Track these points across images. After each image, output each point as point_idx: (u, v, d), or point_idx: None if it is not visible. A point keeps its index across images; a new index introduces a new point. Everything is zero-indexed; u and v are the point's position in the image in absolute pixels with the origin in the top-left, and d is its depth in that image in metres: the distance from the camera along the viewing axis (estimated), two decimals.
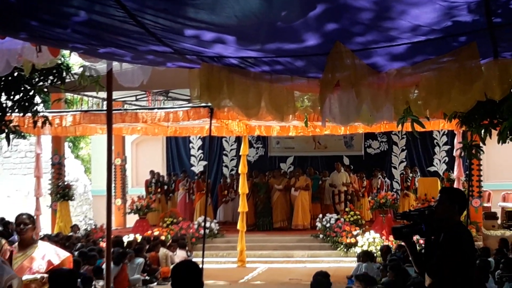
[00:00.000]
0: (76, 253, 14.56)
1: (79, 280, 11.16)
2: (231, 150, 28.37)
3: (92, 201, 30.16)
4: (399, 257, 13.76)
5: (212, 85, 5.44)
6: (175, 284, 5.23)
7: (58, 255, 7.34)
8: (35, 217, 7.75)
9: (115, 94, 23.47)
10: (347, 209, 22.29)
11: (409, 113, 7.21)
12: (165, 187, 25.83)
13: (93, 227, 22.52)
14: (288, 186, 23.29)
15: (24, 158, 28.61)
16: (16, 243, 7.52)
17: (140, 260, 16.12)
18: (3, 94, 11.28)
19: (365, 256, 15.44)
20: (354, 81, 5.08)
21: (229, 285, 15.88)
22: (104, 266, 14.31)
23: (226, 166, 28.45)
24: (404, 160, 27.06)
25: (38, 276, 7.05)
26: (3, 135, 12.28)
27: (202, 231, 20.80)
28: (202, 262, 13.98)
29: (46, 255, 7.26)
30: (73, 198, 22.85)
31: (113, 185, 26.44)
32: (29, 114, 11.66)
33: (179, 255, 18.44)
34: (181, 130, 22.27)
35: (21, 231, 7.39)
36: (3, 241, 7.40)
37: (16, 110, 11.44)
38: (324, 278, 9.66)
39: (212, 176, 23.68)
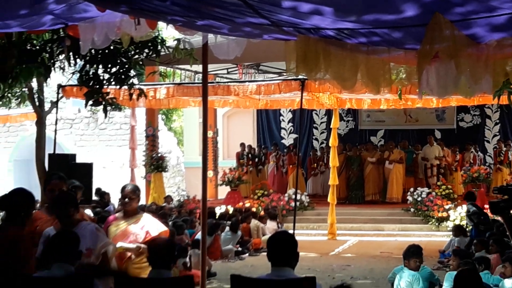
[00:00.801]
0: (170, 223, 14.86)
1: None
2: (321, 123, 28.30)
3: (184, 172, 30.65)
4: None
5: (309, 57, 5.45)
6: (271, 254, 5.30)
7: (157, 228, 7.50)
8: (139, 190, 7.89)
9: (208, 67, 23.77)
10: (439, 183, 22.01)
11: (506, 85, 7.07)
12: (256, 159, 26.00)
13: (186, 198, 22.92)
14: (381, 159, 23.12)
15: (119, 130, 29.26)
16: (121, 212, 7.75)
17: (238, 233, 16.49)
18: (100, 66, 11.59)
19: (458, 231, 15.27)
20: (453, 53, 5.00)
21: (320, 257, 15.92)
22: (197, 236, 14.71)
23: (316, 139, 28.41)
24: (497, 134, 26.43)
25: (135, 245, 7.25)
26: (100, 107, 12.64)
27: (292, 204, 20.95)
28: (293, 234, 14.06)
29: (145, 226, 7.44)
30: (166, 169, 23.23)
31: None
32: (125, 87, 11.98)
33: (270, 226, 18.60)
34: (272, 103, 22.35)
35: (126, 204, 7.59)
36: (86, 209, 7.51)
37: (113, 83, 11.75)
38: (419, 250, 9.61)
39: (302, 149, 23.70)
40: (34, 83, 19.33)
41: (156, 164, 22.44)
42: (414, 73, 5.67)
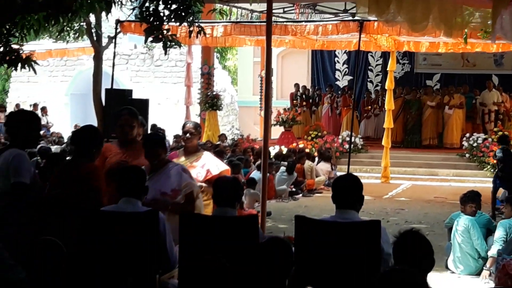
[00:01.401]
0: (225, 162, 14.95)
1: None
2: (377, 65, 28.00)
3: (238, 111, 30.71)
4: None
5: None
6: (336, 196, 5.29)
7: (217, 166, 7.52)
8: (200, 127, 7.87)
9: (262, 6, 23.58)
10: (495, 129, 21.72)
11: None
12: (310, 100, 25.91)
13: (240, 137, 23.00)
14: (441, 103, 22.82)
15: (174, 67, 29.34)
16: (182, 149, 7.78)
17: (294, 174, 16.56)
18: (160, 3, 11.55)
19: None
20: None
21: (374, 200, 15.89)
22: (252, 175, 14.80)
23: (370, 81, 28.15)
24: None
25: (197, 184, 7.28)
26: (156, 44, 12.64)
27: (346, 146, 20.91)
28: (340, 175, 14.04)
29: (206, 165, 7.45)
30: (221, 108, 23.29)
31: (259, 96, 27.04)
32: (185, 24, 11.92)
33: (324, 168, 18.62)
34: (328, 44, 22.09)
35: (187, 139, 7.57)
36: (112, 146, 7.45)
37: (173, 20, 11.71)
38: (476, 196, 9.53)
39: (356, 91, 23.52)
40: (92, 18, 19.42)
41: (211, 102, 22.49)
42: (488, 17, 5.53)
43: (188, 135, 7.53)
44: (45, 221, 5.73)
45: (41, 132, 24.58)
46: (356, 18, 22.21)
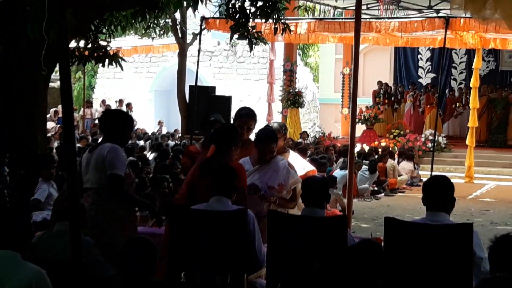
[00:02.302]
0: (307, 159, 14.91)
1: None
2: (461, 63, 27.48)
3: (319, 109, 30.61)
4: None
5: None
6: (427, 197, 5.19)
7: (303, 167, 7.44)
8: (286, 127, 7.80)
9: (346, 3, 23.45)
10: None
11: None
12: (392, 98, 25.64)
13: (321, 134, 22.92)
14: None
15: (256, 64, 29.45)
16: None
17: (375, 173, 16.41)
18: (246, 0, 11.59)
19: None
20: None
21: (458, 201, 15.51)
22: (334, 174, 14.71)
23: (454, 79, 27.64)
24: None
25: None
26: (240, 40, 12.70)
27: (429, 144, 20.61)
28: (431, 175, 13.82)
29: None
30: (302, 105, 23.27)
31: (340, 93, 26.89)
32: (270, 21, 11.94)
33: (406, 167, 18.41)
34: (413, 40, 21.79)
35: None
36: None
37: (258, 17, 11.73)
38: None
39: (440, 89, 23.17)
40: (178, 15, 19.65)
41: (293, 99, 22.49)
42: None
43: None
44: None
45: None
46: (441, 14, 21.88)
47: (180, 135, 21.84)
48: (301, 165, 7.46)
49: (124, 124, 6.14)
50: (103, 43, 13.11)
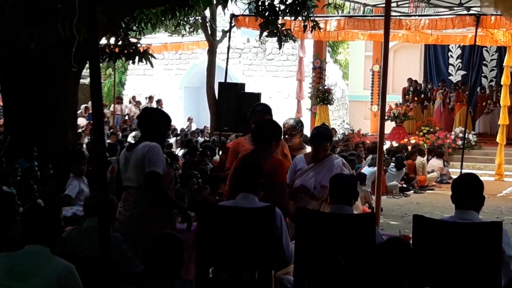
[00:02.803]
0: None
1: None
2: (491, 60, 27.21)
3: (349, 106, 30.53)
4: None
5: None
6: (456, 196, 5.17)
7: None
8: (302, 123, 7.74)
9: (375, 0, 23.36)
10: None
11: None
12: (422, 95, 25.50)
13: (350, 131, 22.86)
14: None
15: (286, 61, 29.42)
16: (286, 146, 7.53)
17: (402, 170, 16.32)
18: None
19: None
20: None
21: (487, 198, 15.42)
22: (363, 171, 14.66)
23: (485, 76, 27.37)
24: None
25: None
26: (269, 38, 12.71)
27: (459, 142, 20.49)
28: (460, 173, 13.75)
29: None
30: (332, 102, 23.20)
31: (370, 91, 26.80)
32: (299, 18, 11.95)
33: (436, 164, 18.31)
34: (443, 38, 21.69)
35: (287, 140, 7.41)
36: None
37: (288, 14, 11.75)
38: None
39: (470, 86, 22.95)
40: (207, 12, 19.72)
41: (322, 96, 22.43)
42: None
43: (287, 136, 7.41)
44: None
45: None
46: (471, 12, 21.72)
47: (209, 131, 21.92)
48: None
49: (163, 122, 6.15)
50: (133, 40, 13.22)
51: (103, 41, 12.71)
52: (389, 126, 22.99)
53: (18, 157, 11.11)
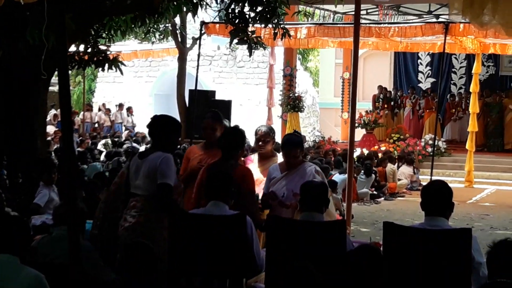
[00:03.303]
0: None
1: None
2: (460, 67, 27.46)
3: (319, 113, 30.62)
4: None
5: (476, 1, 5.22)
6: (426, 202, 5.19)
7: None
8: (274, 131, 7.72)
9: (345, 8, 23.47)
10: None
11: None
12: (392, 102, 25.66)
13: (321, 139, 22.92)
14: None
15: (256, 69, 29.46)
16: (256, 154, 7.55)
17: (371, 177, 16.35)
18: (246, 5, 11.60)
19: None
20: None
21: (457, 205, 15.52)
22: (333, 178, 14.70)
23: (454, 84, 27.61)
24: None
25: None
26: (239, 45, 12.70)
27: (429, 149, 20.63)
28: (430, 180, 13.84)
29: None
30: (302, 109, 23.25)
31: (340, 98, 26.90)
32: (269, 26, 11.95)
33: (406, 171, 18.42)
34: (412, 45, 21.82)
35: (260, 147, 7.37)
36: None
37: (258, 22, 11.75)
38: None
39: (439, 93, 23.18)
40: (177, 19, 19.68)
41: (292, 103, 22.46)
42: None
43: (260, 142, 7.35)
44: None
45: (126, 132, 25.02)
46: (440, 20, 21.90)
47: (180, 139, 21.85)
48: None
49: (173, 130, 6.17)
50: (103, 47, 13.12)
51: (72, 48, 12.62)
52: (360, 133, 23.07)
53: None
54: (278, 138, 21.24)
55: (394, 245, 5.20)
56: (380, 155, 19.02)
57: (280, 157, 7.35)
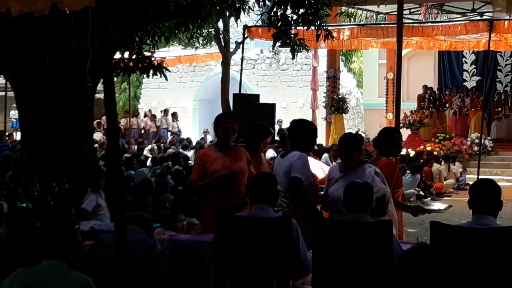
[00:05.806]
0: None
1: None
2: (506, 65, 27.12)
3: (364, 114, 30.48)
4: None
5: None
6: (474, 201, 5.14)
7: (322, 169, 7.50)
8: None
9: (388, 8, 23.35)
10: None
11: None
12: (437, 102, 25.43)
13: (366, 140, 22.80)
14: None
15: (300, 71, 29.39)
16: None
17: (417, 177, 16.22)
18: (288, 7, 11.64)
19: None
20: None
21: (505, 204, 15.36)
22: None
23: (500, 81, 27.28)
24: None
25: None
26: (283, 48, 12.74)
27: (475, 148, 20.41)
28: (477, 179, 13.67)
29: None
30: (346, 111, 23.20)
31: (384, 98, 26.76)
32: (312, 28, 11.97)
33: (453, 171, 18.25)
34: (456, 44, 21.66)
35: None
36: (269, 150, 7.63)
37: (300, 24, 11.78)
38: None
39: (485, 92, 22.91)
40: (220, 24, 19.78)
41: (337, 105, 22.44)
42: None
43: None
44: None
45: (171, 137, 25.17)
46: (485, 17, 21.68)
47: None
48: (320, 168, 7.49)
49: (311, 132, 6.79)
50: (147, 54, 13.27)
51: (117, 55, 12.78)
52: (405, 133, 22.93)
53: (36, 173, 11.17)
54: (323, 141, 21.17)
55: (442, 244, 5.16)
56: (425, 155, 18.88)
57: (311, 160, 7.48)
